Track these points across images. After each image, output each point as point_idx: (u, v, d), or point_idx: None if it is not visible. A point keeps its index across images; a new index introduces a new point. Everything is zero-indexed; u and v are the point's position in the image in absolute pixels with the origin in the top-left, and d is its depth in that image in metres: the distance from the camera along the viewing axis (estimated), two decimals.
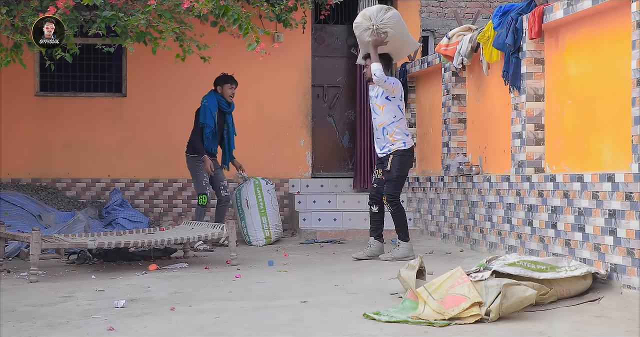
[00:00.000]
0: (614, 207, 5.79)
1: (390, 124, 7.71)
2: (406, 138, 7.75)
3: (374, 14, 7.77)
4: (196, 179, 9.01)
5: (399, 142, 7.72)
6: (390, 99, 7.73)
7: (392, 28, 7.77)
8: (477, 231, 8.15)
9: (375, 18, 7.75)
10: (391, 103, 7.73)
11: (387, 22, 7.75)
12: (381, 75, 7.57)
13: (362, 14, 7.90)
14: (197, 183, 9.02)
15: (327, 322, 5.00)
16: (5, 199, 9.10)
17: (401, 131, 7.73)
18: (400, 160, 7.71)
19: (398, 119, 7.72)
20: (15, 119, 10.22)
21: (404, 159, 7.73)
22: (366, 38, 7.82)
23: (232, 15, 7.13)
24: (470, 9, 14.64)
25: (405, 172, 7.82)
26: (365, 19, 7.81)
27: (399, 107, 7.76)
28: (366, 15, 7.82)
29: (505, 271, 5.32)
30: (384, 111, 7.73)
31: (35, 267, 6.67)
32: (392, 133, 7.71)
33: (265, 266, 7.62)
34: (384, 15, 7.75)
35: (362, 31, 7.84)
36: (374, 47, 7.72)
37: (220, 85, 9.06)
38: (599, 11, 6.24)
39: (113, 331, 4.79)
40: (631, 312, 5.09)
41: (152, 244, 7.34)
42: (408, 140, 7.76)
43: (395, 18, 7.80)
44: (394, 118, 7.72)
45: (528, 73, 7.12)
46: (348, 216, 10.03)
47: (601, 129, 6.30)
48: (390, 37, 7.78)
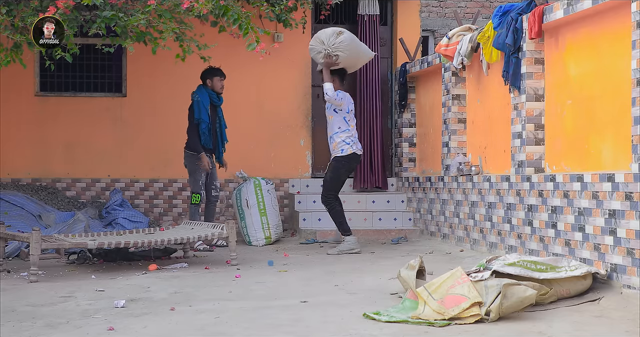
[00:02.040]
0: (614, 207, 5.79)
1: (334, 134, 8.60)
2: (345, 146, 8.56)
3: (326, 39, 8.49)
4: (193, 177, 8.96)
5: (337, 150, 8.60)
6: (337, 112, 8.61)
7: (342, 51, 8.53)
8: (477, 231, 8.15)
9: (328, 42, 8.49)
10: (337, 115, 8.61)
11: (339, 46, 8.50)
12: (332, 94, 8.49)
13: (315, 37, 8.62)
14: (193, 181, 8.96)
15: (327, 322, 5.00)
16: (5, 199, 9.10)
17: (342, 141, 8.57)
18: (336, 165, 8.63)
19: (342, 130, 8.57)
20: (15, 119, 10.22)
21: (339, 165, 8.61)
22: (319, 60, 8.60)
23: (232, 15, 7.13)
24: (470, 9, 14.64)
25: (340, 175, 8.67)
26: (318, 43, 8.53)
27: (345, 119, 8.60)
28: (319, 39, 8.53)
29: (505, 271, 5.33)
30: (332, 122, 8.64)
31: (35, 267, 6.68)
32: (335, 142, 8.60)
33: (265, 266, 7.62)
34: (336, 40, 8.48)
35: (315, 54, 8.63)
36: (325, 68, 8.60)
37: (209, 79, 9.00)
38: (599, 11, 6.24)
39: (113, 331, 4.79)
40: (631, 312, 5.09)
41: (152, 244, 7.34)
42: (346, 148, 8.56)
43: (346, 41, 8.52)
44: (339, 129, 8.58)
45: (528, 73, 7.12)
46: (348, 216, 10.00)
47: (601, 129, 6.30)
48: (341, 58, 8.58)
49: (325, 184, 8.73)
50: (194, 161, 8.93)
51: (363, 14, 10.56)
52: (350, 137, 8.59)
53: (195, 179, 8.94)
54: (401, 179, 10.46)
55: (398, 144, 10.57)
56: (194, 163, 8.94)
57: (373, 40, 10.50)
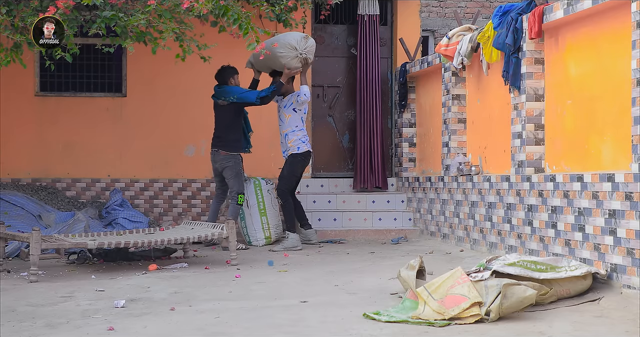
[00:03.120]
0: (614, 207, 5.79)
1: (292, 131, 9.00)
2: (301, 144, 9.01)
3: (297, 44, 8.74)
4: (238, 178, 9.02)
5: (293, 147, 9.01)
6: (296, 111, 9.04)
7: (312, 54, 8.96)
8: (477, 231, 8.15)
9: (300, 47, 8.74)
10: (296, 114, 9.04)
11: (311, 49, 8.87)
12: (309, 95, 9.07)
13: (283, 44, 8.70)
14: (239, 182, 9.03)
15: (327, 322, 5.00)
16: (5, 199, 9.09)
17: (298, 139, 9.00)
18: (292, 161, 9.04)
19: (299, 128, 9.02)
20: (15, 119, 10.22)
21: (295, 161, 9.03)
22: (294, 64, 8.82)
23: (232, 15, 7.13)
24: (470, 9, 14.63)
25: (296, 171, 9.10)
26: (290, 49, 8.73)
27: (302, 119, 9.05)
28: (290, 45, 8.71)
29: (505, 271, 5.33)
30: (289, 120, 9.04)
31: (35, 267, 6.67)
32: (292, 140, 9.01)
33: (265, 266, 7.62)
34: (306, 44, 8.80)
35: (290, 60, 8.79)
36: (304, 72, 9.07)
37: (232, 77, 9.10)
38: (599, 11, 6.24)
39: (113, 331, 4.79)
40: (631, 312, 5.10)
41: (152, 244, 7.34)
42: (302, 146, 9.01)
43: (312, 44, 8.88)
44: (296, 127, 9.01)
45: (528, 73, 7.12)
46: (348, 216, 10.03)
47: (601, 129, 6.30)
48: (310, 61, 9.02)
49: (282, 179, 9.09)
50: (236, 161, 9.02)
51: (363, 14, 10.56)
52: (305, 136, 9.07)
53: (240, 180, 9.06)
54: (401, 179, 10.46)
55: (398, 144, 10.57)
56: (237, 163, 9.03)
57: (373, 40, 10.50)
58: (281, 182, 9.11)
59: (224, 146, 9.04)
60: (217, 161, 9.07)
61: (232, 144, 9.05)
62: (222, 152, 9.02)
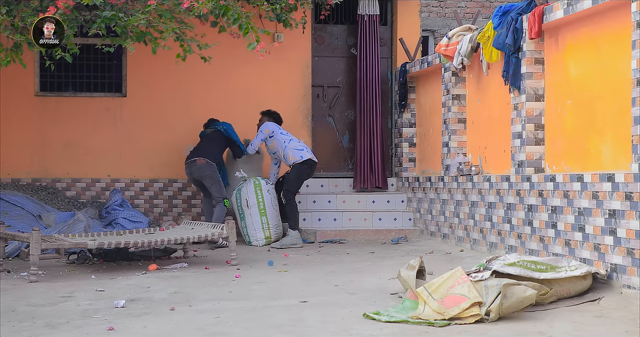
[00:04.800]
0: (614, 207, 5.79)
1: (284, 149, 9.39)
2: (302, 152, 9.38)
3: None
4: (219, 184, 9.28)
5: (297, 159, 9.36)
6: (270, 138, 9.44)
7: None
8: (477, 231, 8.15)
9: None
10: (272, 139, 9.45)
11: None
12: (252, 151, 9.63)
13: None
14: (220, 188, 9.28)
15: (327, 322, 5.00)
16: (5, 199, 9.09)
17: (293, 148, 9.36)
18: (299, 168, 9.39)
19: (285, 145, 9.40)
20: (15, 119, 10.21)
21: (302, 168, 9.39)
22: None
23: (232, 15, 7.13)
24: (470, 9, 14.63)
25: (302, 176, 9.44)
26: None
27: (281, 135, 9.44)
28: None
29: (505, 271, 5.33)
30: (273, 147, 9.49)
31: (35, 267, 6.68)
32: (289, 154, 9.36)
33: (265, 266, 7.62)
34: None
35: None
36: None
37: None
38: (599, 11, 6.24)
39: (113, 331, 4.79)
40: (631, 312, 5.10)
41: (152, 244, 7.34)
42: (304, 154, 9.37)
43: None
44: (284, 142, 9.41)
45: (528, 73, 7.11)
46: (348, 216, 10.03)
47: (601, 129, 6.30)
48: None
49: (287, 182, 9.41)
50: (215, 170, 9.24)
51: (363, 14, 10.56)
52: (299, 142, 9.49)
53: (221, 186, 9.29)
54: (401, 179, 10.46)
55: (398, 144, 10.57)
56: (216, 171, 9.25)
57: (373, 40, 10.50)
58: (287, 184, 9.40)
59: (203, 155, 9.26)
60: (193, 172, 9.27)
61: (212, 157, 9.31)
62: (200, 161, 9.19)
